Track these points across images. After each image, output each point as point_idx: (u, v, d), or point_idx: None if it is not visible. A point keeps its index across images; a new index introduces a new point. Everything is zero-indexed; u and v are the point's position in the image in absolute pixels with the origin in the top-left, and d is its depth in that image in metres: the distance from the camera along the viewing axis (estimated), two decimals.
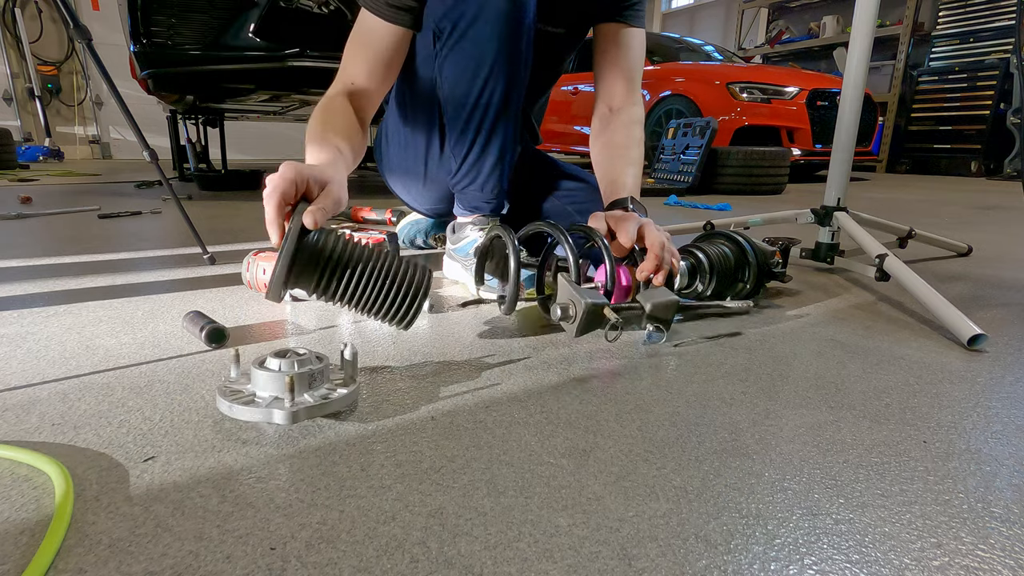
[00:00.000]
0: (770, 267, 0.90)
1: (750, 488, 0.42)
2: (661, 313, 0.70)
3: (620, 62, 0.96)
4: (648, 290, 0.72)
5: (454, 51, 0.82)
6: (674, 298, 0.70)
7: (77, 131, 5.85)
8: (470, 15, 0.78)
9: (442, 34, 0.81)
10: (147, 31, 2.08)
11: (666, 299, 0.70)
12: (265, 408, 0.49)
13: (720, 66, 4.43)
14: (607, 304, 0.66)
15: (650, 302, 0.70)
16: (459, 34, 0.80)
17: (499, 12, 0.78)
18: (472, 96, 0.84)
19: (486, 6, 0.78)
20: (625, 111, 0.97)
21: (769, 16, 7.07)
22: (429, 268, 0.63)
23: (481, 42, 0.80)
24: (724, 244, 0.89)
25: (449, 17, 0.79)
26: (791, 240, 1.09)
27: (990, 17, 4.97)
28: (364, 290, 0.60)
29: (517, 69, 0.84)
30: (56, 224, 1.62)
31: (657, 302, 0.70)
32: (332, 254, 0.59)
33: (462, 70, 0.82)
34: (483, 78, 0.82)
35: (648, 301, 0.70)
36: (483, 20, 0.78)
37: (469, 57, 0.81)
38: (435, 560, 0.35)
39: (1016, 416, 0.55)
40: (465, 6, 0.78)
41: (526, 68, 0.85)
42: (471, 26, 0.79)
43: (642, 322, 0.71)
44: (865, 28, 1.02)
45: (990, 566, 0.35)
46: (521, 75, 0.85)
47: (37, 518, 0.37)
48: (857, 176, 4.82)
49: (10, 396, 0.55)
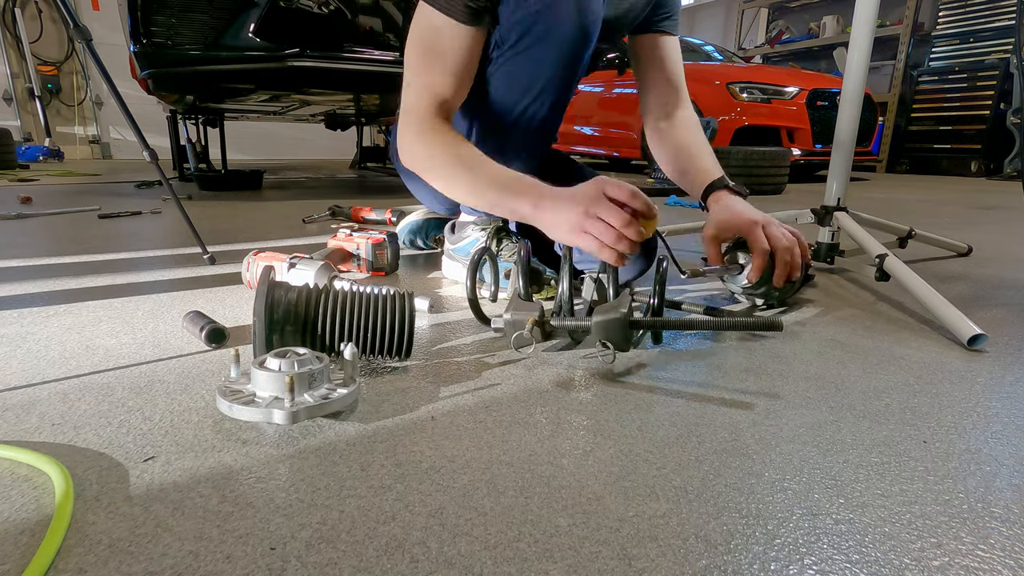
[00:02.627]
0: (807, 269, 0.92)
1: (750, 488, 0.42)
2: (607, 334, 0.65)
3: (665, 71, 0.97)
4: (601, 306, 0.68)
5: (511, 62, 0.81)
6: (622, 318, 0.64)
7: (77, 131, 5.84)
8: (538, 32, 0.77)
9: (503, 43, 0.80)
10: (147, 31, 2.08)
11: (614, 318, 0.64)
12: (265, 408, 0.49)
13: (720, 66, 4.43)
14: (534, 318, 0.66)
15: (596, 320, 0.65)
16: (523, 47, 0.79)
17: (566, 38, 0.77)
18: (518, 109, 0.83)
19: (555, 29, 0.77)
20: (680, 116, 0.98)
21: (769, 16, 7.06)
22: (409, 295, 0.63)
23: (542, 62, 0.79)
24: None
25: (516, 30, 0.78)
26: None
27: (990, 17, 4.96)
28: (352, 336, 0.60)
29: (566, 93, 0.84)
30: (56, 224, 1.62)
31: (601, 321, 0.65)
32: (307, 309, 0.59)
33: (516, 82, 0.82)
34: (533, 95, 0.82)
35: (596, 318, 0.65)
36: (549, 41, 0.77)
37: (526, 74, 0.81)
38: (435, 560, 0.35)
39: (1016, 416, 0.55)
40: (534, 22, 0.76)
41: (572, 92, 0.86)
42: (536, 44, 0.78)
43: (593, 340, 0.67)
44: (865, 28, 1.02)
45: (990, 566, 0.35)
46: (567, 98, 0.86)
47: (37, 518, 0.37)
48: (857, 176, 4.82)
49: (10, 396, 0.55)
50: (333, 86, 2.32)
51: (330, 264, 0.88)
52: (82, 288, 0.94)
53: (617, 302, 0.68)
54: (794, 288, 0.89)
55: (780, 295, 0.89)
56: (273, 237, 1.48)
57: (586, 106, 4.90)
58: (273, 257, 0.90)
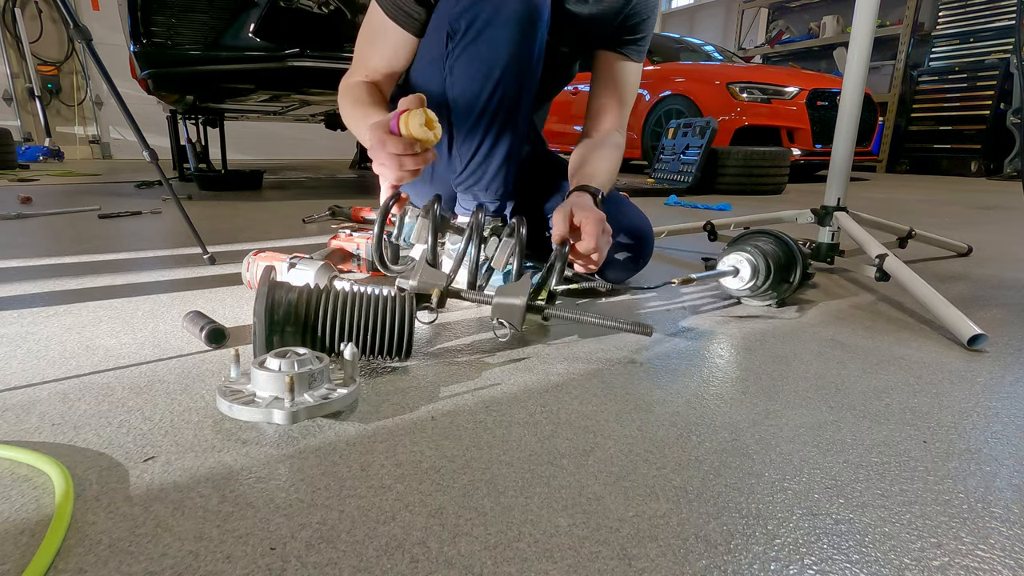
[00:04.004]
0: (806, 269, 0.92)
1: (750, 488, 0.42)
2: (504, 314, 0.69)
3: (615, 92, 1.00)
4: (505, 285, 0.71)
5: (467, 51, 0.82)
6: (520, 303, 0.68)
7: (77, 131, 5.85)
8: (485, 16, 0.79)
9: (455, 34, 0.82)
10: (147, 31, 2.08)
11: (512, 301, 0.68)
12: (265, 408, 0.49)
13: (720, 66, 4.43)
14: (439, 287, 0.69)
15: (496, 299, 0.69)
16: (474, 34, 0.80)
17: (515, 15, 0.79)
18: (483, 97, 0.84)
19: (502, 8, 0.78)
20: (613, 136, 1.00)
21: (769, 16, 7.06)
22: (408, 296, 0.63)
23: (495, 44, 0.80)
24: (774, 245, 0.91)
25: (465, 17, 0.79)
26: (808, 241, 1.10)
27: (990, 17, 4.96)
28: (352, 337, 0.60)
29: (528, 73, 0.84)
30: (56, 224, 1.62)
31: (501, 302, 0.68)
32: (308, 310, 0.59)
33: (475, 70, 0.83)
34: (495, 80, 0.82)
35: (496, 299, 0.69)
36: (499, 22, 0.79)
37: (482, 58, 0.81)
38: (435, 560, 0.35)
39: (1016, 416, 0.55)
40: (481, 7, 0.79)
41: (537, 73, 0.86)
42: (486, 27, 0.79)
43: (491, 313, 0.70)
44: (865, 28, 1.02)
45: (990, 566, 0.35)
46: (532, 79, 0.86)
47: (37, 518, 0.37)
48: (857, 176, 4.82)
49: (10, 396, 0.55)
50: (333, 86, 2.31)
51: (330, 264, 0.88)
52: (82, 288, 0.94)
53: (518, 285, 0.70)
54: (792, 288, 0.90)
55: (779, 295, 0.89)
56: (273, 237, 1.48)
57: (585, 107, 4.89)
58: (273, 257, 0.90)
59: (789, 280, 0.90)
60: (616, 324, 0.69)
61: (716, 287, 1.02)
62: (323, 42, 2.13)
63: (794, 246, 0.90)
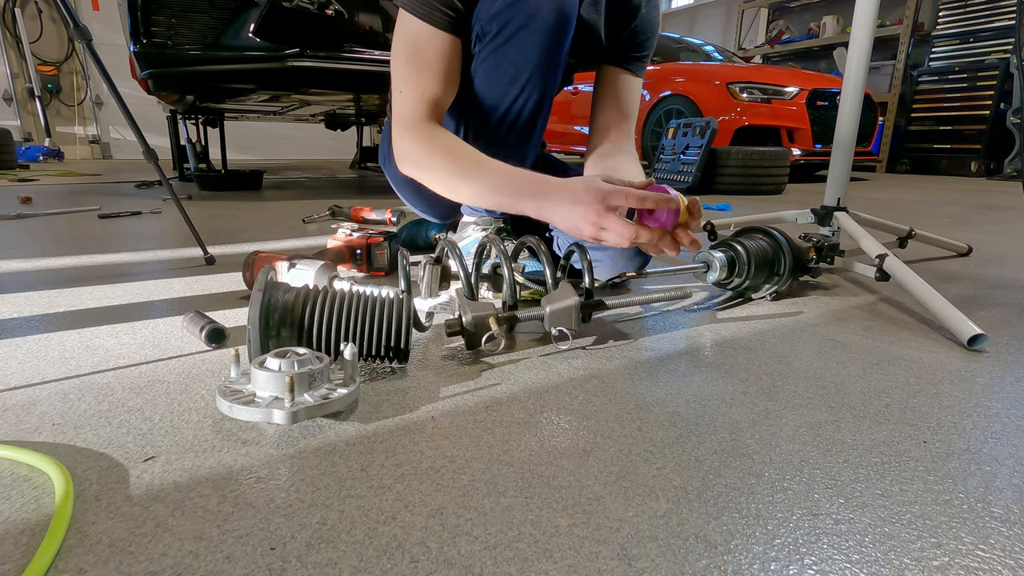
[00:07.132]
0: (804, 262, 0.94)
1: (750, 488, 0.42)
2: (562, 319, 0.69)
3: (622, 107, 1.00)
4: (551, 293, 0.71)
5: (495, 54, 0.81)
6: (573, 302, 0.68)
7: (77, 131, 5.85)
8: (519, 21, 0.78)
9: (485, 36, 0.81)
10: (147, 31, 2.08)
11: (565, 303, 0.68)
12: (265, 408, 0.49)
13: (720, 66, 4.43)
14: (494, 315, 0.66)
15: (549, 307, 0.68)
16: (504, 38, 0.80)
17: (546, 23, 0.79)
18: (506, 101, 0.84)
19: (536, 16, 0.78)
20: (623, 146, 1.00)
21: (769, 16, 7.06)
22: (406, 298, 0.62)
23: (524, 49, 0.80)
24: (761, 239, 0.93)
25: (497, 20, 0.79)
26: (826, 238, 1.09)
27: (990, 17, 4.96)
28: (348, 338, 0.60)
29: (552, 81, 0.85)
30: (56, 224, 1.62)
31: (556, 308, 0.68)
32: (303, 313, 0.59)
33: (501, 74, 0.83)
34: (521, 84, 0.83)
35: (548, 305, 0.69)
36: (531, 28, 0.79)
37: (510, 62, 0.81)
38: (435, 560, 0.35)
39: (1016, 416, 0.55)
40: (515, 12, 0.78)
41: (557, 82, 0.87)
42: (517, 32, 0.79)
43: (545, 325, 0.69)
44: (865, 28, 1.03)
45: (990, 566, 0.35)
46: (553, 88, 0.86)
47: (37, 518, 0.37)
48: (857, 176, 4.82)
49: (10, 396, 0.55)
50: (333, 86, 2.32)
51: (330, 264, 0.88)
52: (82, 288, 0.94)
53: (562, 290, 0.70)
54: (784, 279, 0.91)
55: (773, 287, 0.90)
56: (273, 237, 1.48)
57: (586, 107, 4.89)
58: (273, 257, 0.90)
59: (778, 272, 0.91)
60: (663, 295, 0.75)
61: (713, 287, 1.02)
62: (323, 42, 2.13)
63: (782, 239, 0.91)
